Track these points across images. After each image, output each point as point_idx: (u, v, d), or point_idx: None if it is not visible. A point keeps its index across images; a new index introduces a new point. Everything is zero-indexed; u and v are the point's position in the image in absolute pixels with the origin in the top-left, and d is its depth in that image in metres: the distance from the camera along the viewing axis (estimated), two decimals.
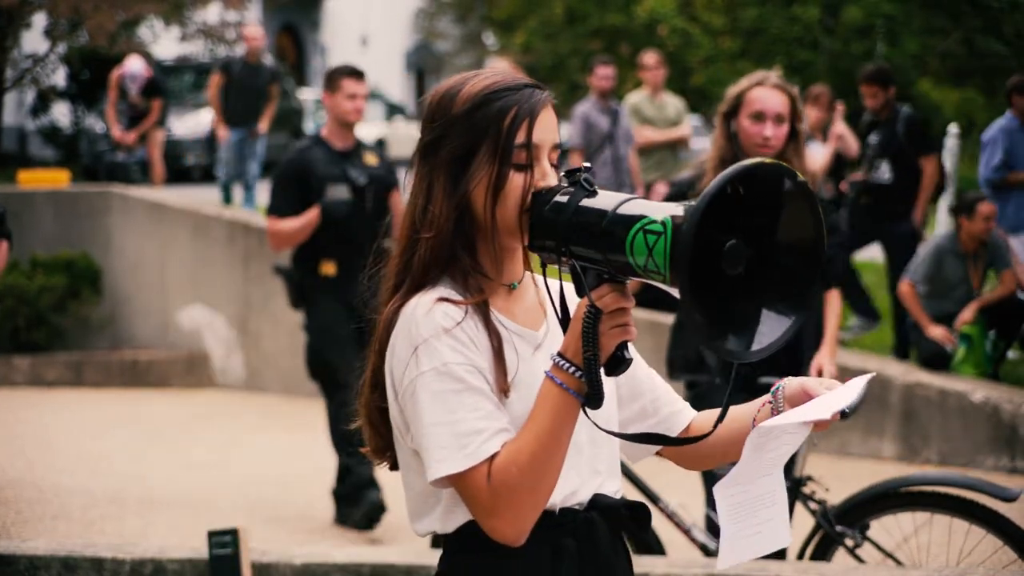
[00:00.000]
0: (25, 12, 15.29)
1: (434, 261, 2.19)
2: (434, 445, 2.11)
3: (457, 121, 2.19)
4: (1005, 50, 19.49)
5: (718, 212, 1.94)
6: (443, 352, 2.12)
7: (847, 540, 4.35)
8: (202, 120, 19.86)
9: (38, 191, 11.24)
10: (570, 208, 2.09)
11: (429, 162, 2.21)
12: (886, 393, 7.94)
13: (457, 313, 2.15)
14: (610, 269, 2.05)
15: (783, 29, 23.79)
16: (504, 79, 2.23)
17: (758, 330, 2.04)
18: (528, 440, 2.10)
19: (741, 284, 2.02)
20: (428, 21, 34.42)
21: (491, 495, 2.10)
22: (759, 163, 1.98)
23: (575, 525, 2.23)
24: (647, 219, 1.97)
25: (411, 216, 2.22)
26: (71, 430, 8.44)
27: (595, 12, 26.87)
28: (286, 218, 6.23)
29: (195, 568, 4.07)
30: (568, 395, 2.09)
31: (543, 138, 2.20)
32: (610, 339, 2.08)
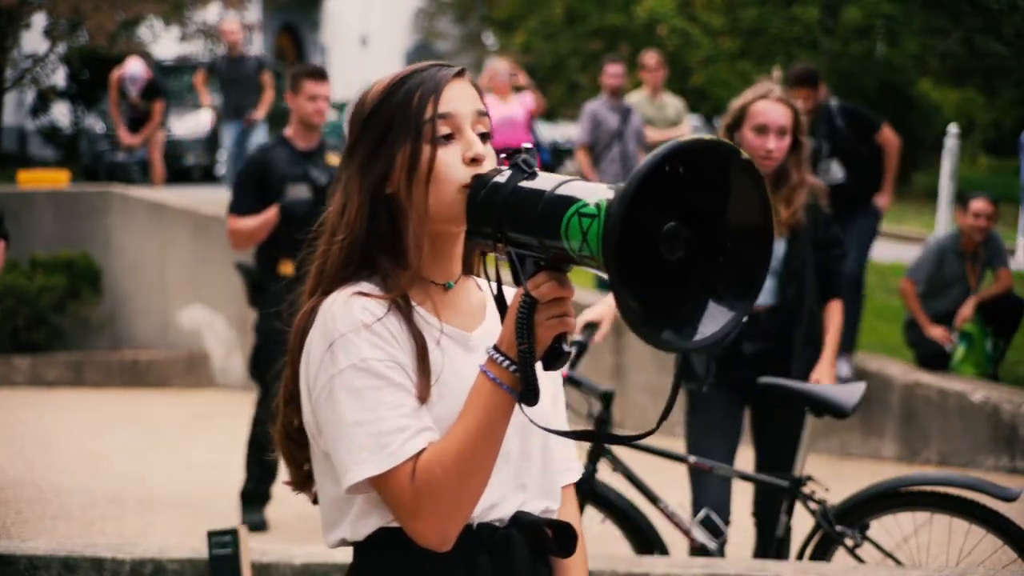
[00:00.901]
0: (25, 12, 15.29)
1: (347, 262, 2.07)
2: (353, 447, 1.98)
3: (369, 118, 2.10)
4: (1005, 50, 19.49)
5: (659, 194, 1.82)
6: (362, 348, 1.99)
7: (847, 540, 4.35)
8: (202, 120, 19.87)
9: (38, 191, 11.24)
10: (506, 190, 1.96)
11: (347, 168, 2.11)
12: (886, 393, 7.94)
13: (377, 308, 2.02)
14: (547, 256, 1.92)
15: (783, 29, 23.78)
16: (411, 67, 2.12)
17: (701, 320, 1.89)
18: (456, 438, 1.96)
19: (683, 270, 1.88)
20: (428, 21, 34.42)
21: (415, 497, 1.96)
22: (695, 139, 1.83)
23: (493, 542, 2.08)
24: (582, 202, 1.84)
25: (329, 223, 2.12)
26: (71, 430, 8.44)
27: (595, 12, 26.87)
28: (245, 216, 6.25)
29: (195, 568, 4.07)
30: (501, 391, 1.95)
31: (457, 108, 2.07)
32: (547, 331, 1.93)
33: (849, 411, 4.36)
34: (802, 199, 4.61)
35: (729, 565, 3.99)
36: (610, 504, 4.56)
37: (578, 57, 27.22)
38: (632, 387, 8.58)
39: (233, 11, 17.46)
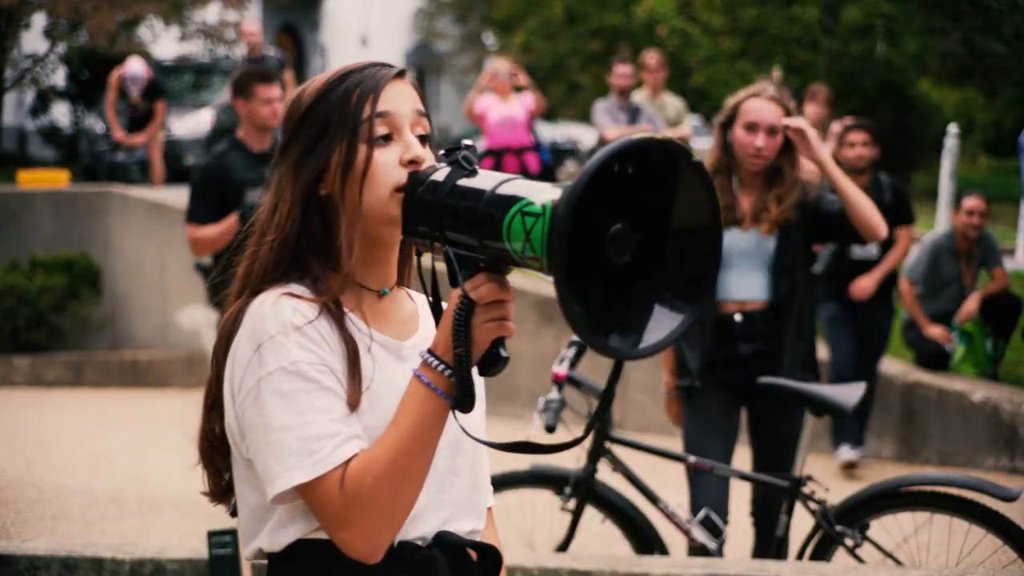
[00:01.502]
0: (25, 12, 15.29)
1: (277, 262, 2.00)
2: (281, 452, 1.89)
3: (304, 117, 2.01)
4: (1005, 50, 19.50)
5: (607, 195, 1.75)
6: (292, 350, 1.90)
7: (847, 540, 4.35)
8: (202, 120, 19.88)
9: (38, 191, 11.24)
10: (445, 188, 1.87)
11: (280, 167, 2.03)
12: (886, 393, 7.94)
13: (308, 310, 1.94)
14: (487, 257, 1.84)
15: (782, 29, 23.79)
16: (348, 66, 2.04)
17: (648, 325, 1.82)
18: (388, 445, 1.88)
19: (630, 274, 1.81)
20: (428, 21, 34.42)
21: (343, 505, 1.87)
22: (644, 138, 1.75)
23: (414, 560, 1.99)
24: (525, 201, 1.76)
25: (258, 223, 2.05)
26: (71, 430, 8.44)
27: (595, 12, 26.89)
28: (205, 225, 6.23)
29: (195, 568, 4.07)
30: (436, 396, 1.88)
31: (396, 107, 2.00)
32: (484, 334, 1.86)
33: (849, 411, 4.36)
34: (793, 198, 4.62)
35: (729, 565, 3.99)
36: (610, 504, 4.57)
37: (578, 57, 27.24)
38: (632, 387, 8.57)
39: (233, 11, 17.46)
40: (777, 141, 4.60)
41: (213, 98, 20.57)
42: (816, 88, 9.94)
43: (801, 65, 23.14)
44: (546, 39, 27.76)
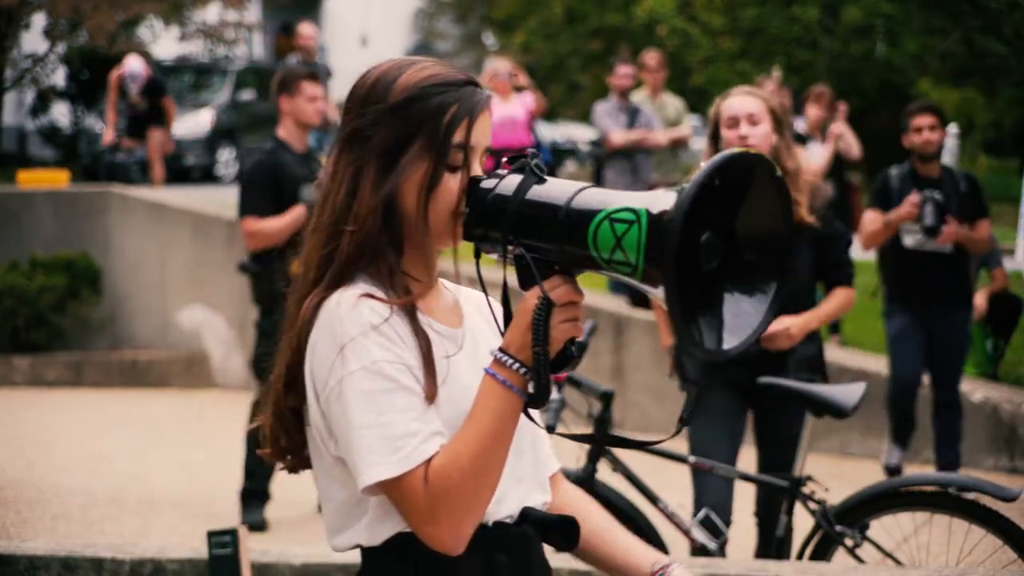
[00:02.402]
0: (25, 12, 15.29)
1: (357, 256, 2.05)
2: (365, 450, 1.96)
3: (391, 111, 2.05)
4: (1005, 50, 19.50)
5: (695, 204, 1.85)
6: (372, 350, 1.98)
7: (847, 540, 4.35)
8: (202, 120, 19.87)
9: (38, 191, 11.24)
10: (518, 196, 1.95)
11: (356, 150, 2.06)
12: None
13: (384, 310, 2.00)
14: (563, 260, 1.93)
15: (782, 29, 23.79)
16: (444, 72, 2.08)
17: (728, 327, 1.92)
18: (468, 441, 1.96)
19: (711, 278, 1.91)
20: (428, 21, 34.42)
21: (429, 501, 1.95)
22: (740, 152, 1.88)
23: (508, 540, 2.09)
24: (614, 208, 1.85)
25: (333, 206, 2.07)
26: (71, 430, 8.44)
27: (594, 12, 26.88)
28: (265, 218, 6.24)
29: (195, 568, 4.07)
30: (511, 393, 1.96)
31: (479, 140, 2.07)
32: (561, 333, 1.95)
33: (849, 411, 4.36)
34: (800, 185, 4.63)
35: (729, 565, 3.99)
36: (610, 504, 4.56)
37: (578, 57, 27.24)
38: (632, 387, 8.57)
39: (233, 11, 17.46)
40: (762, 129, 4.62)
41: (213, 98, 20.58)
42: (820, 90, 9.93)
43: (801, 65, 23.14)
44: (546, 39, 27.76)
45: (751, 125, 4.61)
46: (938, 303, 6.93)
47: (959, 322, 7.00)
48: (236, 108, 20.47)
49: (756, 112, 4.62)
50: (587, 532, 2.22)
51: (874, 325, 10.20)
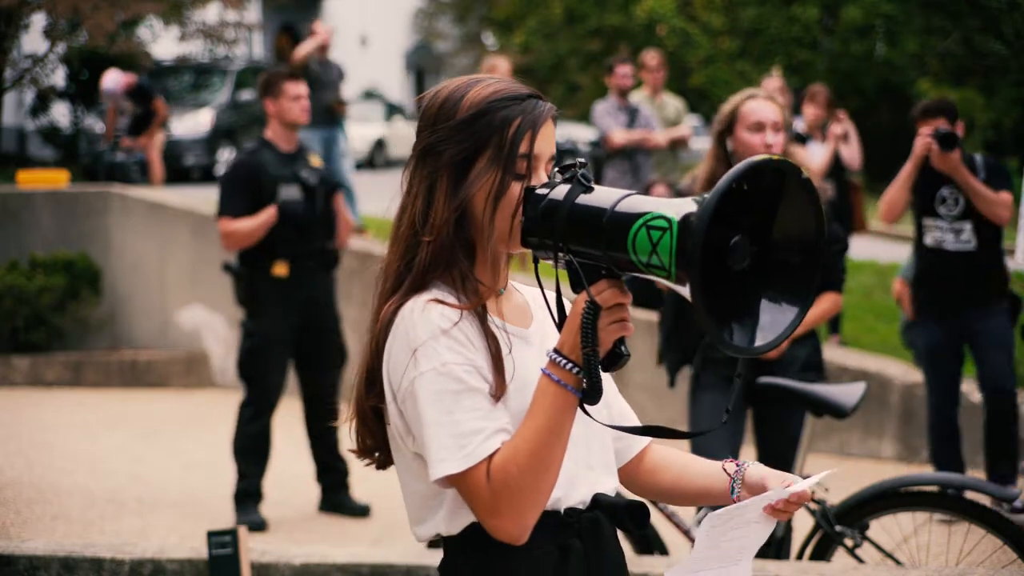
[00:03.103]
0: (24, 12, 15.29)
1: (434, 264, 2.20)
2: (435, 446, 2.12)
3: (460, 127, 2.20)
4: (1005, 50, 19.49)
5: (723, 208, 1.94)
6: (441, 352, 2.13)
7: (847, 540, 4.35)
8: (201, 120, 19.87)
9: (37, 191, 11.23)
10: (567, 205, 2.08)
11: (430, 165, 2.22)
12: (886, 393, 7.94)
13: (453, 314, 2.16)
14: (609, 265, 2.05)
15: (782, 29, 23.79)
16: (508, 88, 2.24)
17: (761, 325, 2.04)
18: (527, 438, 2.10)
19: (744, 279, 2.02)
20: (427, 21, 34.44)
21: (492, 494, 2.10)
22: (767, 159, 1.98)
23: (580, 525, 2.22)
24: (650, 215, 1.97)
25: (411, 218, 2.23)
26: (71, 430, 8.43)
27: (594, 12, 26.89)
28: (240, 219, 6.26)
29: (194, 568, 4.07)
30: (566, 392, 2.09)
31: (543, 149, 2.22)
32: (609, 335, 2.08)
33: (849, 411, 4.36)
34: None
35: None
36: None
37: (578, 57, 27.25)
38: (632, 387, 8.57)
39: (233, 11, 17.45)
40: (782, 138, 4.63)
41: (213, 98, 20.58)
42: (816, 89, 9.92)
43: (801, 65, 23.14)
44: (545, 39, 27.76)
45: (775, 133, 4.63)
46: (968, 306, 6.32)
47: (995, 322, 6.34)
48: (236, 108, 20.47)
49: (779, 120, 4.66)
50: (671, 479, 2.43)
51: (874, 325, 10.20)
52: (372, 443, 2.29)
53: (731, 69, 23.88)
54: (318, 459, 6.60)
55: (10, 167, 16.76)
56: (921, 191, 6.37)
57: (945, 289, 6.35)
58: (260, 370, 6.37)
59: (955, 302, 6.32)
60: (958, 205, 6.26)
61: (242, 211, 6.27)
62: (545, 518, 2.17)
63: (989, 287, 6.33)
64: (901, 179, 6.33)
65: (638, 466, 2.44)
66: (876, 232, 14.32)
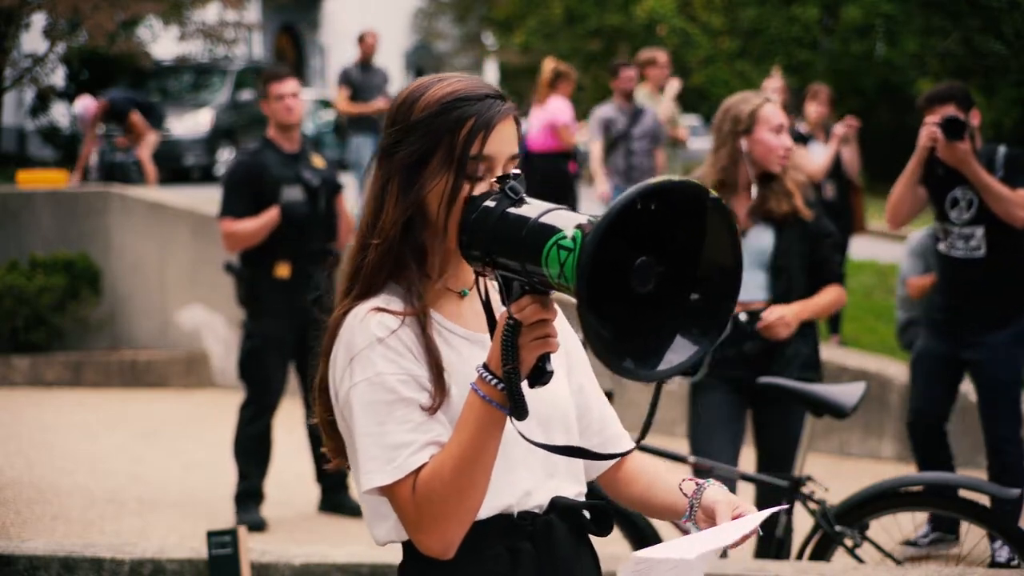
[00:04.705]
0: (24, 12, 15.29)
1: (380, 268, 2.17)
2: (364, 456, 2.10)
3: (415, 127, 2.17)
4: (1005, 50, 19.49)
5: (634, 230, 1.91)
6: (376, 362, 2.11)
7: (846, 540, 4.35)
8: (201, 120, 19.85)
9: (37, 191, 11.23)
10: (494, 216, 2.05)
11: (386, 167, 2.20)
12: (886, 393, 7.94)
13: (393, 322, 2.13)
14: (530, 280, 2.00)
15: (782, 29, 23.79)
16: (466, 87, 2.20)
17: (667, 351, 1.98)
18: (452, 453, 2.06)
19: (655, 303, 1.97)
20: (427, 21, 34.42)
21: (416, 509, 2.07)
22: (666, 180, 1.92)
23: (534, 528, 2.19)
24: (561, 233, 1.93)
25: (365, 220, 2.21)
26: (71, 430, 8.43)
27: (594, 12, 26.88)
28: (242, 219, 6.25)
29: (194, 568, 4.07)
30: (491, 407, 2.05)
31: (499, 150, 2.17)
32: (530, 351, 2.02)
33: (849, 411, 4.36)
34: (791, 188, 4.70)
35: (729, 565, 3.99)
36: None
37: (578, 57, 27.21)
38: (632, 387, 8.57)
39: (232, 11, 17.45)
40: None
41: (213, 98, 20.58)
42: (817, 87, 9.93)
43: (801, 65, 23.14)
44: (546, 39, 27.74)
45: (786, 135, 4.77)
46: (974, 322, 5.63)
47: (1002, 354, 5.59)
48: (236, 108, 20.47)
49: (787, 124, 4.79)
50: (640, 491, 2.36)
51: (874, 325, 10.21)
52: (335, 446, 2.28)
53: (731, 69, 23.88)
54: (318, 459, 6.60)
55: (10, 167, 16.76)
56: (933, 192, 5.66)
57: (952, 301, 5.68)
58: (261, 371, 6.37)
59: (962, 317, 5.64)
60: (970, 209, 5.54)
61: (244, 212, 6.26)
62: (497, 521, 2.15)
63: (1002, 302, 5.61)
64: (904, 177, 5.64)
65: (615, 475, 2.40)
66: (876, 232, 14.32)
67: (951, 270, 5.66)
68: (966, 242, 5.57)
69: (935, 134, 5.39)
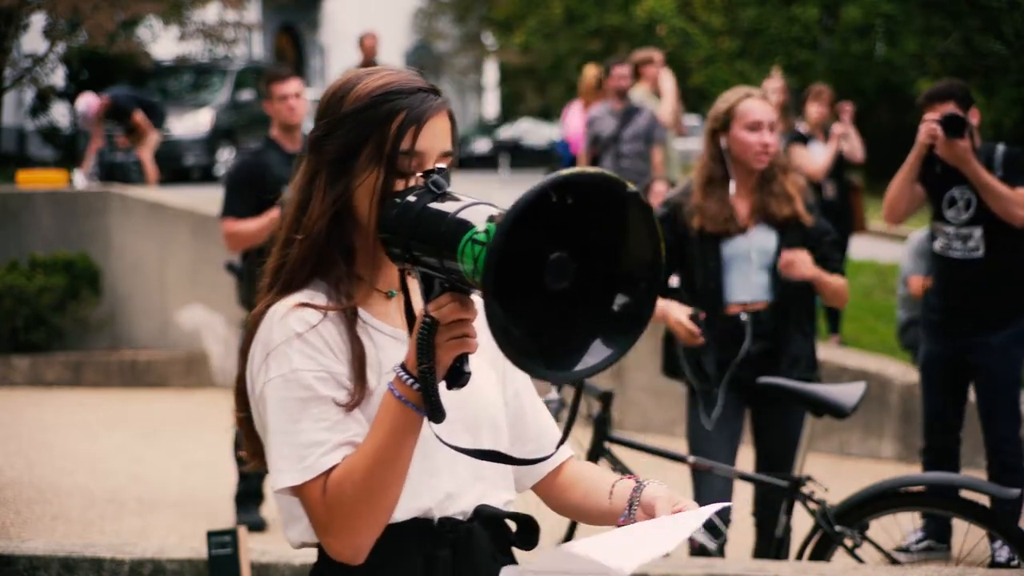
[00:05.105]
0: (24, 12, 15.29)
1: (304, 264, 2.10)
2: (276, 455, 2.03)
3: (345, 120, 2.09)
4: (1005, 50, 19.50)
5: (553, 224, 1.83)
6: (293, 358, 2.03)
7: (846, 540, 4.35)
8: (201, 120, 19.85)
9: (37, 191, 11.23)
10: (415, 210, 1.97)
11: (314, 160, 2.12)
12: (886, 393, 7.94)
13: (313, 317, 2.06)
14: (449, 277, 1.93)
15: (782, 29, 23.78)
16: (398, 80, 2.12)
17: (586, 351, 1.89)
18: (365, 454, 1.98)
19: (572, 301, 1.88)
20: (427, 21, 34.40)
21: (326, 511, 2.00)
22: (577, 171, 1.82)
23: (455, 535, 2.11)
24: (475, 228, 1.86)
25: (290, 215, 2.14)
26: (71, 430, 8.43)
27: (594, 12, 26.89)
28: (243, 219, 6.25)
29: (194, 568, 4.07)
30: (406, 408, 1.97)
31: (430, 146, 2.09)
32: (447, 351, 1.94)
33: (849, 411, 4.36)
34: (792, 192, 4.67)
35: (729, 565, 3.99)
36: None
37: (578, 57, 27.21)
38: (632, 387, 8.57)
39: (232, 11, 17.45)
40: (776, 137, 4.67)
41: (213, 98, 20.58)
42: (819, 88, 9.93)
43: (801, 65, 23.13)
44: (545, 39, 27.76)
45: (770, 132, 4.65)
46: (973, 325, 5.55)
47: (1002, 358, 5.53)
48: (236, 108, 20.47)
49: (774, 120, 4.68)
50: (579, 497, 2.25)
51: (874, 325, 10.21)
52: (253, 447, 2.20)
53: (731, 69, 23.87)
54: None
55: (10, 167, 16.76)
56: (931, 191, 5.61)
57: (950, 302, 5.60)
58: None
59: (960, 319, 5.56)
60: (968, 209, 5.46)
61: (246, 212, 6.25)
62: (415, 527, 2.07)
63: (1002, 304, 5.53)
64: (902, 173, 5.56)
65: (553, 481, 2.29)
66: (876, 232, 14.33)
67: (948, 271, 5.57)
68: (964, 242, 5.50)
69: (935, 131, 5.30)
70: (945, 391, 5.63)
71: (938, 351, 5.62)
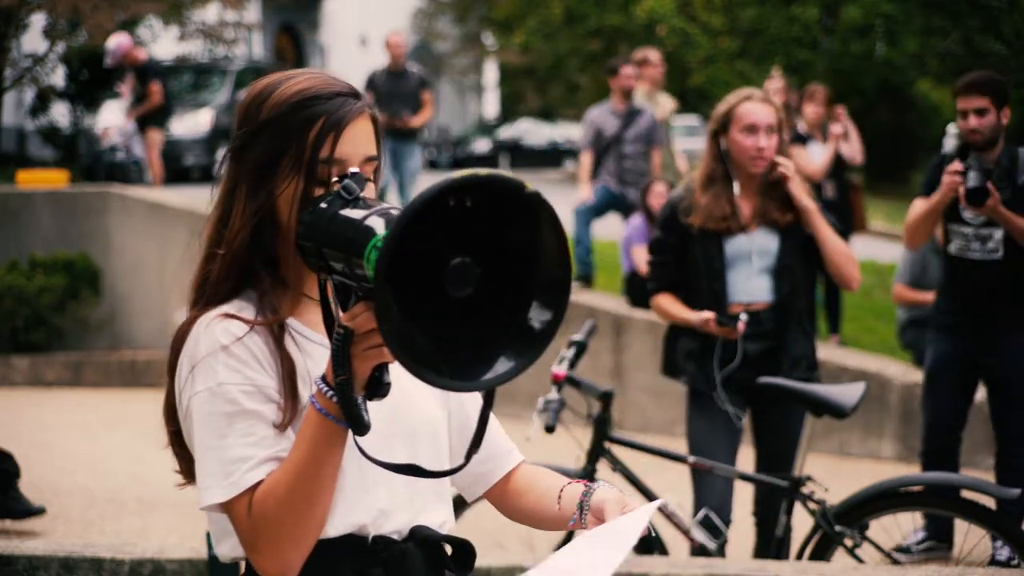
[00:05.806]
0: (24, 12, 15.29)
1: (227, 277, 2.04)
2: (203, 471, 2.00)
3: (263, 128, 2.03)
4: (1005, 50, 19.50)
5: (453, 229, 1.77)
6: (218, 371, 1.98)
7: (846, 540, 4.35)
8: (201, 120, 19.86)
9: (37, 191, 11.24)
10: (327, 216, 1.92)
11: (234, 170, 2.06)
12: (885, 393, 7.94)
13: (239, 329, 2.00)
14: (360, 285, 1.85)
15: (782, 29, 23.80)
16: (316, 85, 2.05)
17: (490, 361, 1.81)
18: (287, 470, 1.93)
19: (481, 308, 1.81)
20: (427, 21, 34.42)
21: (252, 528, 1.95)
22: (471, 174, 1.74)
23: (388, 555, 2.05)
24: (378, 236, 1.80)
25: (211, 227, 2.08)
26: (71, 430, 8.43)
27: (594, 12, 26.89)
28: None
29: (194, 568, 4.07)
30: (328, 421, 1.90)
31: (352, 151, 2.02)
32: (363, 362, 1.87)
33: (848, 411, 4.36)
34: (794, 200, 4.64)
35: (728, 565, 3.99)
36: None
37: (578, 57, 27.27)
38: (632, 387, 8.57)
39: (232, 11, 17.45)
40: (775, 140, 4.63)
41: (213, 98, 20.58)
42: (814, 88, 9.94)
43: (801, 65, 23.14)
44: (545, 39, 27.77)
45: (768, 136, 4.61)
46: (990, 327, 5.45)
47: (1014, 351, 5.45)
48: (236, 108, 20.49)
49: (774, 123, 4.63)
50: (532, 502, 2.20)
51: (874, 325, 10.21)
52: (185, 466, 2.15)
53: (731, 69, 23.88)
54: None
55: (10, 167, 16.76)
56: None
57: (967, 303, 5.48)
58: None
59: (976, 319, 5.46)
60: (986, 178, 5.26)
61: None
62: (348, 544, 2.02)
63: (1019, 305, 5.46)
64: (928, 210, 5.41)
65: (505, 488, 2.24)
66: (876, 232, 14.33)
67: (965, 272, 5.45)
68: (983, 243, 5.40)
69: (957, 185, 5.22)
70: (954, 393, 5.54)
71: (949, 352, 5.51)
